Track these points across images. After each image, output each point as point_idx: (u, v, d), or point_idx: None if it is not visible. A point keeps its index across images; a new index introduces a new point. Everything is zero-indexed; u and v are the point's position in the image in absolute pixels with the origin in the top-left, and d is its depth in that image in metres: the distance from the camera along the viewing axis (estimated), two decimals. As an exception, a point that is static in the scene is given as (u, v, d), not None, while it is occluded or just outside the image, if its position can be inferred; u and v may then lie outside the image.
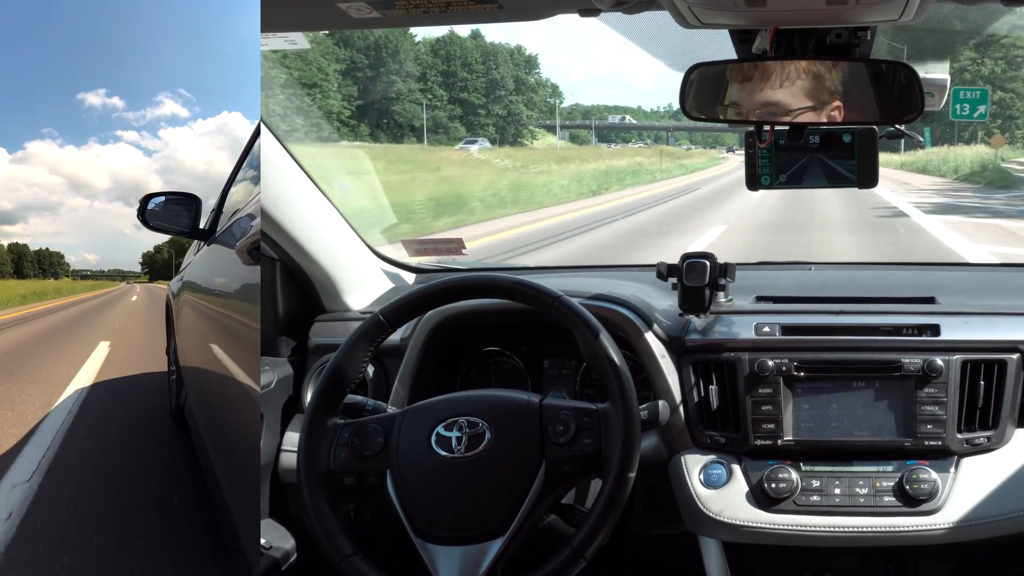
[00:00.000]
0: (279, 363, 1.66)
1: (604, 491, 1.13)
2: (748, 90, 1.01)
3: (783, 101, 1.01)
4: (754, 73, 1.01)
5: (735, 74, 1.01)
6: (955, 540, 1.26)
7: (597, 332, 1.20)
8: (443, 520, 1.15)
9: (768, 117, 1.03)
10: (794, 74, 1.00)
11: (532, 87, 44.22)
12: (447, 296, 1.31)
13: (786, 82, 1.00)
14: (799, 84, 1.00)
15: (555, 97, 49.98)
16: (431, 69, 39.74)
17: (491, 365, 1.68)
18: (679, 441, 1.39)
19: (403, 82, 37.88)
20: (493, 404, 1.22)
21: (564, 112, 50.45)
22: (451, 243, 2.13)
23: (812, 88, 1.00)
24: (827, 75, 1.00)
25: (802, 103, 1.01)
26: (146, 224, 2.34)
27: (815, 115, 1.01)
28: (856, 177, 1.17)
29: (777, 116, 1.02)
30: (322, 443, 1.21)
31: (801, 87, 1.00)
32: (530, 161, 26.25)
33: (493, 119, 41.60)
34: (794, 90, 1.00)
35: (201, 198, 2.39)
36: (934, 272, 1.96)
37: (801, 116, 1.01)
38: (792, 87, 1.00)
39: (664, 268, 1.45)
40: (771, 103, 1.01)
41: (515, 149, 37.15)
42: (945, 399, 1.31)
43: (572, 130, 49.32)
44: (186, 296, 2.80)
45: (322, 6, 1.01)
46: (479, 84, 40.96)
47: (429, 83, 39.14)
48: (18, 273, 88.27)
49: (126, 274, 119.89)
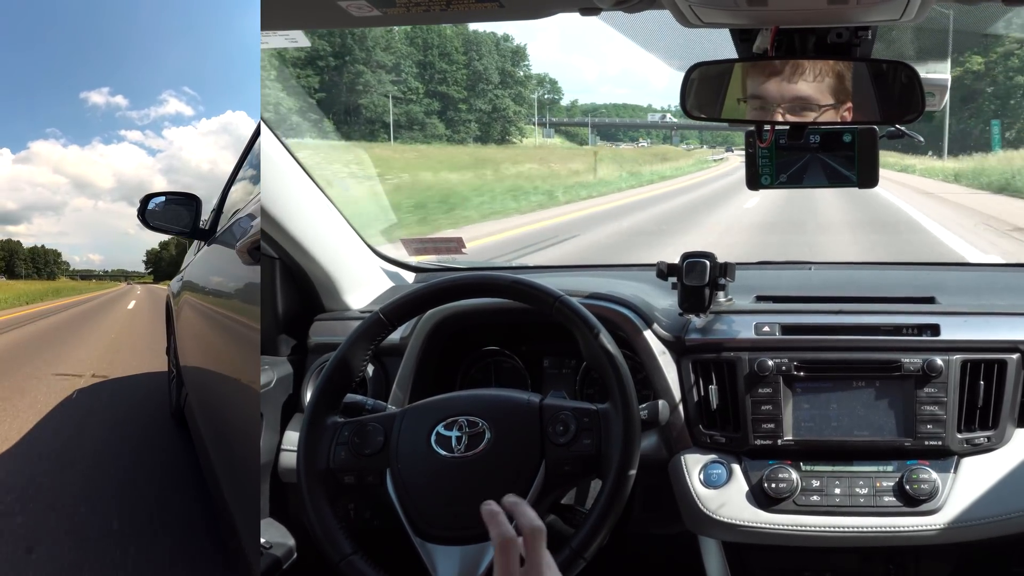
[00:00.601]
0: (279, 362, 1.66)
1: (604, 491, 1.13)
2: (748, 90, 1.01)
3: (783, 100, 1.01)
4: (755, 73, 1.01)
5: (736, 74, 1.01)
6: (955, 540, 1.26)
7: (597, 331, 1.19)
8: (442, 519, 1.15)
9: (768, 116, 1.03)
10: (795, 74, 1.00)
11: (520, 80, 41.76)
12: (447, 295, 1.31)
13: (787, 82, 1.00)
14: (800, 84, 1.00)
15: (554, 93, 47.22)
16: (406, 59, 37.24)
17: (491, 364, 1.68)
18: (679, 441, 1.39)
19: (372, 73, 35.47)
20: (493, 404, 1.22)
21: (563, 109, 48.10)
22: (451, 242, 2.13)
23: (812, 88, 1.00)
24: (828, 75, 1.00)
25: (802, 103, 1.01)
26: (146, 224, 2.34)
27: (815, 115, 1.01)
28: (856, 177, 1.17)
29: (778, 115, 1.02)
30: (322, 442, 1.21)
31: (802, 87, 1.00)
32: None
33: (476, 115, 38.89)
34: (795, 90, 1.00)
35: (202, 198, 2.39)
36: (934, 272, 1.96)
37: (802, 116, 1.01)
38: (793, 87, 1.00)
39: (664, 267, 1.45)
40: (771, 102, 1.01)
41: (500, 148, 34.63)
42: (945, 399, 1.31)
43: (571, 128, 47.05)
44: (186, 296, 2.80)
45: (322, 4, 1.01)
46: (460, 76, 38.50)
47: (403, 74, 36.62)
48: (9, 272, 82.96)
49: (129, 274, 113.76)
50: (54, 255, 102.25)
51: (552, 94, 47.78)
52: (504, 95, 40.32)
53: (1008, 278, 1.89)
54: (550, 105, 47.39)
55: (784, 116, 1.02)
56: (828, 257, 8.31)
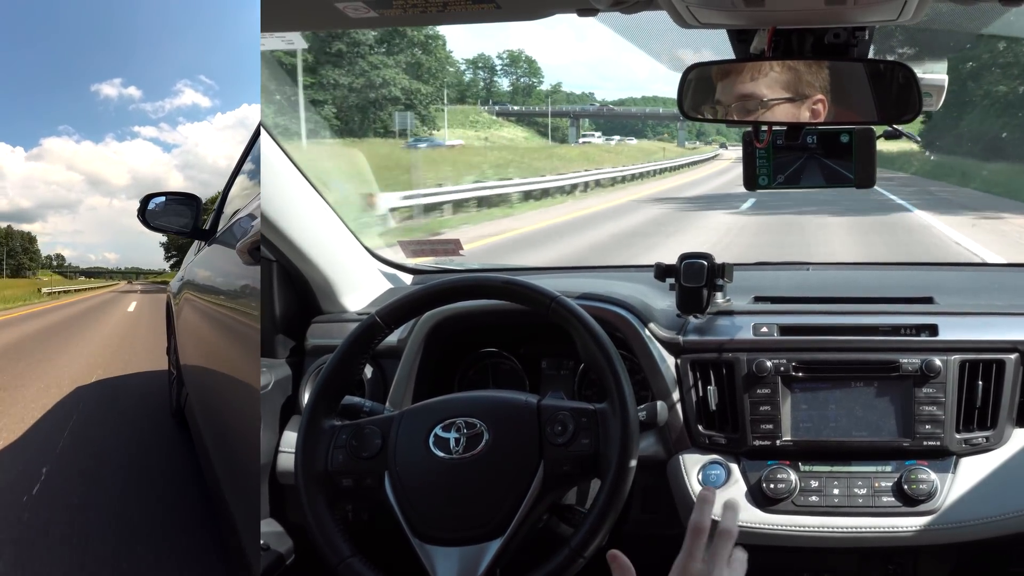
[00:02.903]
0: (277, 364, 1.66)
1: (603, 491, 1.13)
2: (746, 90, 1.01)
3: (781, 101, 1.01)
4: (752, 73, 1.01)
5: (733, 74, 1.01)
6: (954, 540, 1.26)
7: (595, 332, 1.19)
8: (441, 521, 1.15)
9: (766, 117, 1.03)
10: (792, 74, 1.00)
11: (424, 45, 24.71)
12: (444, 297, 1.31)
13: (784, 82, 1.00)
14: (797, 84, 1.00)
15: (531, 76, 37.24)
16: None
17: (489, 366, 1.68)
18: (677, 441, 1.39)
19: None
20: (491, 405, 1.22)
21: (542, 95, 39.27)
22: (449, 244, 2.13)
23: (810, 88, 1.00)
24: (825, 75, 1.00)
25: (800, 103, 1.01)
26: (147, 224, 2.34)
27: (813, 115, 1.01)
28: (854, 177, 1.17)
29: (775, 116, 1.02)
30: (319, 445, 1.21)
31: (799, 87, 1.00)
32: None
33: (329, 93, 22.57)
34: (792, 90, 1.00)
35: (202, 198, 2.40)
36: (932, 272, 1.96)
37: (799, 116, 1.01)
38: (790, 87, 1.00)
39: (662, 268, 1.45)
40: (768, 103, 1.01)
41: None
42: (943, 399, 1.31)
43: (537, 118, 37.44)
44: (186, 296, 2.80)
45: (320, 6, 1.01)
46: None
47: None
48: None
49: (144, 272, 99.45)
50: (25, 240, 75.19)
51: (529, 77, 37.82)
52: (395, 71, 24.86)
53: (1006, 278, 1.89)
54: (525, 91, 38.69)
55: (781, 117, 1.02)
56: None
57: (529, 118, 38.59)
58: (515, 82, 36.96)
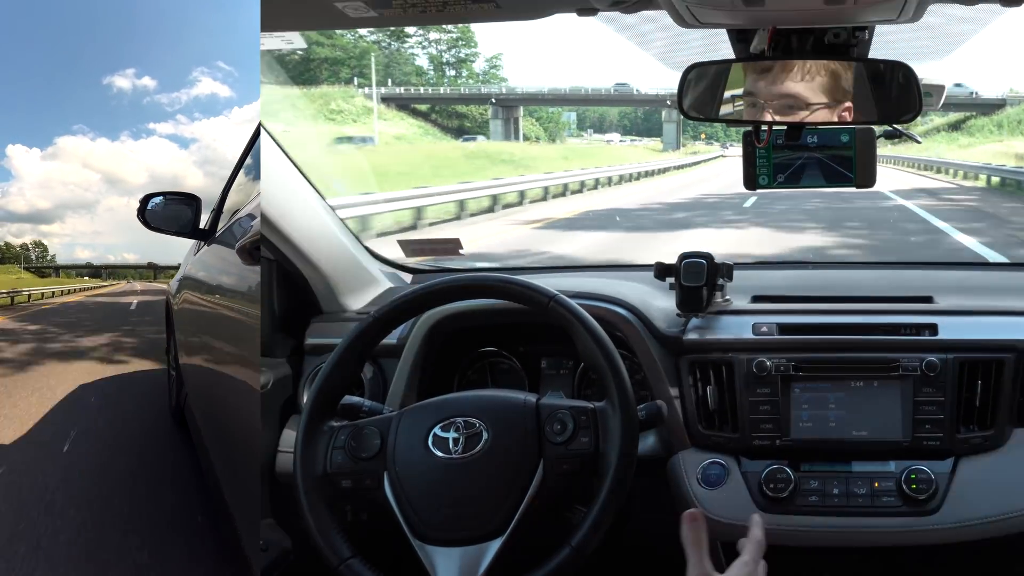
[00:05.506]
0: (276, 364, 1.66)
1: (603, 490, 1.13)
2: (746, 90, 1.01)
3: (781, 101, 1.01)
4: (752, 73, 1.01)
5: (733, 74, 1.01)
6: (954, 540, 1.26)
7: (594, 331, 1.19)
8: (441, 521, 1.15)
9: (766, 116, 1.03)
10: (792, 74, 1.00)
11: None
12: (443, 296, 1.31)
13: (784, 82, 1.00)
14: (797, 84, 1.00)
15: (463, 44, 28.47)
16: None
17: (488, 365, 1.68)
18: (677, 441, 1.39)
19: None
20: (490, 404, 1.22)
21: (476, 76, 30.50)
22: (448, 243, 2.13)
23: (810, 88, 1.00)
24: (825, 75, 1.00)
25: (800, 103, 1.01)
26: (146, 224, 2.34)
27: (813, 115, 1.01)
28: (854, 176, 1.17)
29: (775, 115, 1.02)
30: (318, 446, 1.21)
31: (799, 87, 1.00)
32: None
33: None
34: (792, 90, 1.00)
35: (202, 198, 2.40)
36: (932, 272, 1.96)
37: (799, 115, 1.01)
38: (790, 87, 1.00)
39: (662, 267, 1.45)
40: (769, 103, 1.01)
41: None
42: (943, 399, 1.31)
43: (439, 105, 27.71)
44: (186, 295, 2.80)
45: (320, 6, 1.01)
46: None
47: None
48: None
49: (160, 268, 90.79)
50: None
51: (457, 48, 28.18)
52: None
53: (1006, 278, 1.89)
54: (455, 66, 28.90)
55: (782, 116, 1.02)
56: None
57: (436, 104, 28.45)
58: (435, 55, 27.37)
